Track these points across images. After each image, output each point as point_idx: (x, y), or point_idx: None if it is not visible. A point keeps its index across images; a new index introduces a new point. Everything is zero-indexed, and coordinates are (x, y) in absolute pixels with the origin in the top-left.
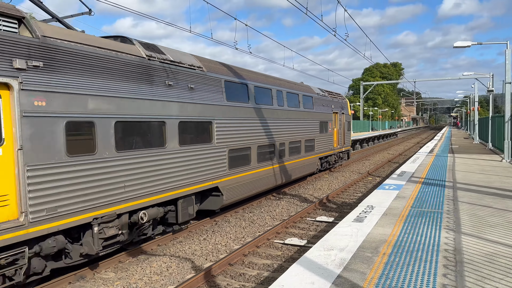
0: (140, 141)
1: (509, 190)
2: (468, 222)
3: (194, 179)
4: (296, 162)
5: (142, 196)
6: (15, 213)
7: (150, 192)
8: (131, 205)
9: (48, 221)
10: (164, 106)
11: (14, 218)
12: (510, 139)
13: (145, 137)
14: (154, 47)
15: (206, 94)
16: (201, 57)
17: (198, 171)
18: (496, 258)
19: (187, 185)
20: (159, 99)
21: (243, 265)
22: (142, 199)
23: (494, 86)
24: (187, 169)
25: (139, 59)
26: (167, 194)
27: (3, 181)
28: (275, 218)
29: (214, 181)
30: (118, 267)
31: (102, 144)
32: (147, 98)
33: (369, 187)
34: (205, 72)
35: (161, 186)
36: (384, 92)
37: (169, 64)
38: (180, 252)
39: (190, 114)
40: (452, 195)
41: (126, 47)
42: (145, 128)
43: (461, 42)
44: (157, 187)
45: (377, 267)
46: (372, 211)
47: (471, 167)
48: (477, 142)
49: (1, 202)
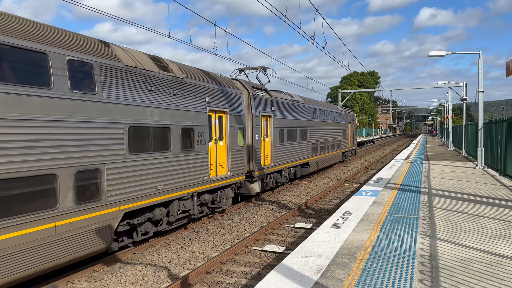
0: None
1: (482, 196)
2: (443, 227)
3: (300, 158)
4: (333, 153)
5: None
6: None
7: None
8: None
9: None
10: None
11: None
12: (483, 147)
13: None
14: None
15: (304, 115)
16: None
17: (302, 155)
18: (471, 263)
19: (298, 159)
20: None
21: (221, 273)
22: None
23: (467, 95)
24: (300, 152)
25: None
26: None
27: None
28: (254, 225)
29: (307, 159)
30: (92, 276)
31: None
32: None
33: (347, 193)
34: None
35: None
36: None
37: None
38: (156, 260)
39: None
40: (427, 201)
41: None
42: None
43: (436, 51)
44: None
45: (354, 273)
46: (349, 217)
47: (445, 173)
48: (451, 149)
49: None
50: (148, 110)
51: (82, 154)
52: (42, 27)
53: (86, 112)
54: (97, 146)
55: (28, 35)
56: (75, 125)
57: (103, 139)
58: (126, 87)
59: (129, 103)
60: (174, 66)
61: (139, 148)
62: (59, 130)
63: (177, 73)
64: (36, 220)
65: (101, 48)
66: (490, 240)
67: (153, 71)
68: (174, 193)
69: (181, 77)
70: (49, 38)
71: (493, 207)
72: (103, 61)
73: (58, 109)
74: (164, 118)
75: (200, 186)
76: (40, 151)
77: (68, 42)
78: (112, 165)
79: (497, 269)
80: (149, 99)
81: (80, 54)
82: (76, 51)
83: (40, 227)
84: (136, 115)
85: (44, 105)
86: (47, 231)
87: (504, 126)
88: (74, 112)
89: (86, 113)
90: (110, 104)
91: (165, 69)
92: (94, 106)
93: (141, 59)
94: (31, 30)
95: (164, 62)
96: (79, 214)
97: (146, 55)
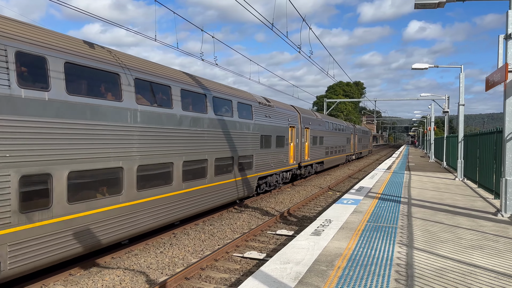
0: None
1: (460, 207)
2: (420, 237)
3: (319, 157)
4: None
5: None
6: (307, 158)
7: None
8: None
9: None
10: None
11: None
12: (463, 159)
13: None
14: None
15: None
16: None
17: (320, 155)
18: (445, 273)
19: (318, 158)
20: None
21: (200, 279)
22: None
23: (450, 108)
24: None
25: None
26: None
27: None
28: (236, 231)
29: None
30: (68, 280)
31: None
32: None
33: (329, 201)
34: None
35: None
36: (347, 110)
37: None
38: (135, 265)
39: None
40: (406, 210)
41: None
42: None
43: (419, 64)
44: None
45: (331, 280)
46: (329, 225)
47: (425, 184)
48: (433, 160)
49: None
50: (268, 127)
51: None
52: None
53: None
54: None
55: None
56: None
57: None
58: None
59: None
60: (273, 102)
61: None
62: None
63: (274, 105)
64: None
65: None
66: (465, 251)
67: (270, 105)
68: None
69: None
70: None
71: (470, 218)
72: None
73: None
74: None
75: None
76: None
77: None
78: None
79: (471, 279)
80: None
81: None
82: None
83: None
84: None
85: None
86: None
87: (483, 139)
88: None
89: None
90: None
91: (270, 105)
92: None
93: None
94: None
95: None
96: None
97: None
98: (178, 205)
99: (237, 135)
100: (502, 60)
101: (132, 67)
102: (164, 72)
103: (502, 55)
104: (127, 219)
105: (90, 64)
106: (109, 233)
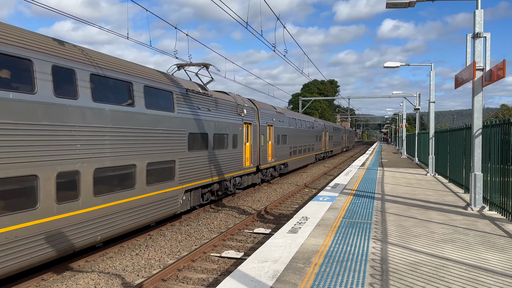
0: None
1: (432, 202)
2: (394, 232)
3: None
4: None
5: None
6: (270, 159)
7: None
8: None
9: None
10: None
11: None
12: (434, 155)
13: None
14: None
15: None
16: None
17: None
18: (419, 267)
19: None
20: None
21: (177, 281)
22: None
23: (421, 105)
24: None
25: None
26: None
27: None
28: (213, 231)
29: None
30: (40, 285)
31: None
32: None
33: (306, 198)
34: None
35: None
36: (321, 108)
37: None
38: (110, 268)
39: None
40: (380, 206)
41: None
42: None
43: (391, 62)
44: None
45: (309, 277)
46: (306, 222)
47: (398, 180)
48: (405, 156)
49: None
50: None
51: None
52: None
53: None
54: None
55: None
56: None
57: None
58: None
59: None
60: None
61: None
62: None
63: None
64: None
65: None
66: (437, 244)
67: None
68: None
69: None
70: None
71: (441, 213)
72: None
73: None
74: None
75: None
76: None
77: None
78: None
79: (443, 272)
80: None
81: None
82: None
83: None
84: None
85: None
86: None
87: (452, 136)
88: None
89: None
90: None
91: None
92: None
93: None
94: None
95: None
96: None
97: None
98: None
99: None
100: (470, 59)
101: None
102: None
103: (470, 53)
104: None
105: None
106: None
